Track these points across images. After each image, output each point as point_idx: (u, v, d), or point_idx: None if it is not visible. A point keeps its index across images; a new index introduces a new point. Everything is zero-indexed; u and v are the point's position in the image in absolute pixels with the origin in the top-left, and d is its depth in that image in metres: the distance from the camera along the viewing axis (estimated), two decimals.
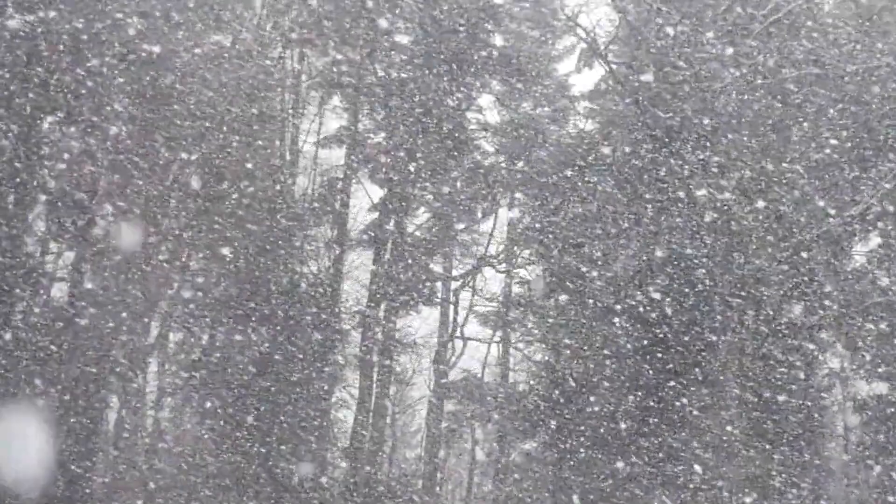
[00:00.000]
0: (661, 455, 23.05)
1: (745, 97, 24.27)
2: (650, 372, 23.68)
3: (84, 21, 23.54)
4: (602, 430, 24.01)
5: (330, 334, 27.91)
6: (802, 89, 24.54)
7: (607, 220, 25.57)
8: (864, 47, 23.87)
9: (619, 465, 23.32)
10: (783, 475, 22.92)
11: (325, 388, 27.80)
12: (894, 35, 25.11)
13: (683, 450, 22.93)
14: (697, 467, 22.63)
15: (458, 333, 32.39)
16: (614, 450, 23.60)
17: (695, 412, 23.18)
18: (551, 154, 29.22)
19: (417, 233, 31.52)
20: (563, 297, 26.96)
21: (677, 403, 23.29)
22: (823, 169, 24.54)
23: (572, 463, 24.38)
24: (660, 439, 23.13)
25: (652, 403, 23.45)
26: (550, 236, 27.20)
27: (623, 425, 23.53)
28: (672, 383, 23.45)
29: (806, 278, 23.56)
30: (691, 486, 22.65)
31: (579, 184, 26.76)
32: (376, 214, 31.48)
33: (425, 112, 29.41)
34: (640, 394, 23.65)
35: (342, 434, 30.22)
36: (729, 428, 22.94)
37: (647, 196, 24.85)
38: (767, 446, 23.11)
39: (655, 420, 23.33)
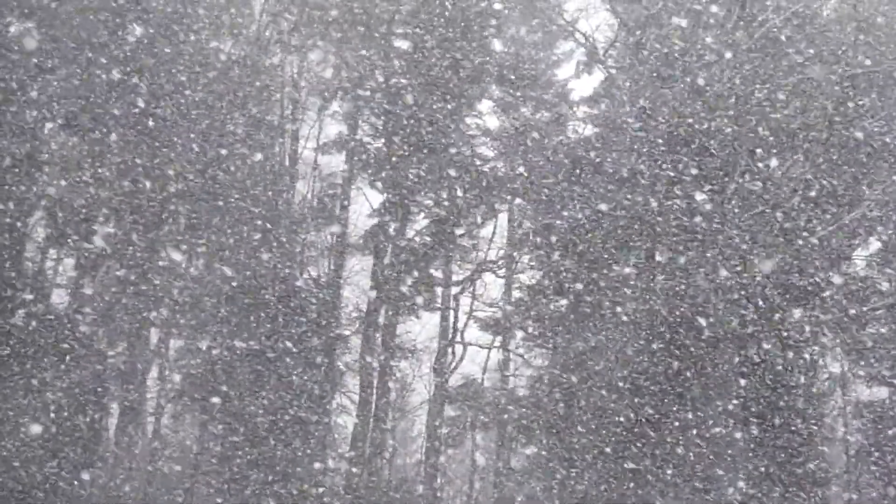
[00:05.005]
0: (660, 461, 23.00)
1: (746, 99, 24.27)
2: (650, 377, 23.65)
3: (84, 27, 23.58)
4: (601, 436, 23.96)
5: (330, 340, 27.89)
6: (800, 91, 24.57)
7: (607, 225, 25.53)
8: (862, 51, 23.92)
9: (619, 470, 23.27)
10: (783, 480, 22.90)
11: (326, 393, 27.76)
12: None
13: (683, 456, 22.88)
14: (698, 473, 22.62)
15: (458, 339, 32.33)
16: (614, 455, 23.55)
17: (697, 415, 23.16)
18: (551, 159, 29.18)
19: (417, 238, 31.49)
20: (563, 303, 26.92)
21: (677, 409, 23.25)
22: (821, 173, 24.55)
23: (572, 468, 24.32)
24: (660, 445, 23.08)
25: (652, 408, 23.42)
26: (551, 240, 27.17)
27: (622, 431, 23.49)
28: (672, 389, 23.41)
29: (807, 283, 23.55)
30: (691, 491, 22.63)
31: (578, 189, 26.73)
32: (376, 220, 31.45)
33: (425, 117, 29.37)
34: (639, 399, 23.60)
35: (343, 439, 30.21)
36: (731, 425, 22.92)
37: (647, 200, 24.82)
38: (768, 450, 23.09)
39: (655, 426, 23.29)
